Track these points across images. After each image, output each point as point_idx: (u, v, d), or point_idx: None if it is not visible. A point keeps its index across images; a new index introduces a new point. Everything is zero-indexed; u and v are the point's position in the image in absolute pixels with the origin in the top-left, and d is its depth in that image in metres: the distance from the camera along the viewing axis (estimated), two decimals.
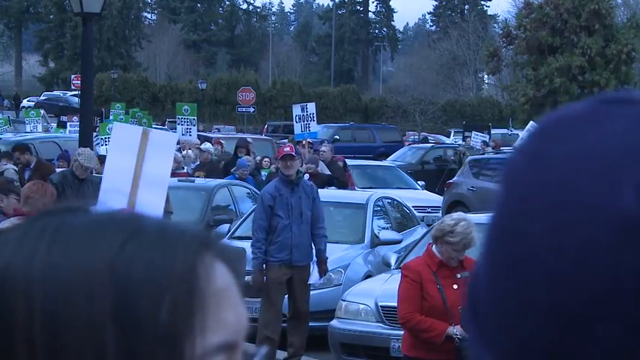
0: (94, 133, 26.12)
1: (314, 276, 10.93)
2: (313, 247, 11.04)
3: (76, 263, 0.92)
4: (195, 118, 24.42)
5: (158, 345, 0.90)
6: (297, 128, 20.75)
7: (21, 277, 0.92)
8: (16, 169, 17.24)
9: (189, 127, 23.52)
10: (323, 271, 10.93)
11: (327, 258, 10.98)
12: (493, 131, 41.62)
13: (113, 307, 0.90)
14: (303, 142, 20.43)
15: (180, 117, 24.18)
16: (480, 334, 0.89)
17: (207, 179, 18.62)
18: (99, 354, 0.90)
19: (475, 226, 7.53)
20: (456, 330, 7.26)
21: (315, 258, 11.04)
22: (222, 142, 24.97)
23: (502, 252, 0.87)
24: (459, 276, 7.47)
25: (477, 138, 31.14)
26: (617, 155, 0.83)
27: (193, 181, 17.42)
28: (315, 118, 20.82)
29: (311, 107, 21.06)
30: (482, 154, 29.05)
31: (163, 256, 0.93)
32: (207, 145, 20.70)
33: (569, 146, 0.87)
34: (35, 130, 29.61)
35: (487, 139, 31.14)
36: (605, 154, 0.84)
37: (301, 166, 18.53)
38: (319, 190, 11.75)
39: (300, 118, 20.65)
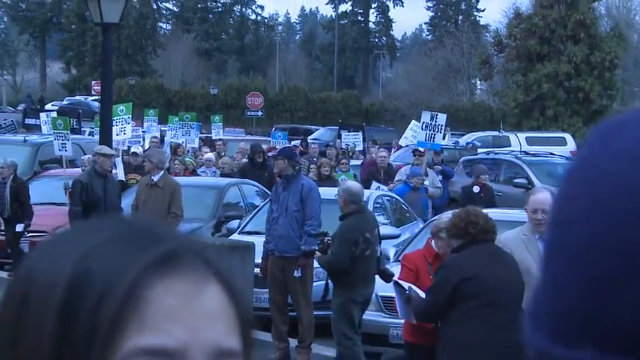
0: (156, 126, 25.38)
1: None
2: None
3: (56, 258, 0.96)
4: (130, 116, 23.14)
5: (87, 342, 0.91)
6: (421, 136, 18.40)
7: (23, 267, 0.99)
8: None
9: (123, 126, 21.31)
10: (300, 264, 10.83)
11: (306, 252, 10.75)
12: (485, 133, 41.56)
13: (61, 301, 0.93)
14: (423, 150, 18.10)
15: (115, 118, 22.73)
16: (537, 326, 0.93)
17: (214, 179, 18.63)
18: (38, 336, 0.93)
19: None
20: None
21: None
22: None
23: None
24: None
25: (347, 138, 28.89)
26: None
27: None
28: (442, 130, 18.45)
29: (441, 118, 18.51)
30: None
31: (123, 263, 0.94)
32: (139, 150, 19.69)
33: (625, 141, 0.89)
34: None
35: (360, 139, 28.90)
36: None
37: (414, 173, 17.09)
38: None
39: (426, 126, 18.31)
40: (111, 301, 0.92)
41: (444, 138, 24.62)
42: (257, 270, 11.07)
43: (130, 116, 22.92)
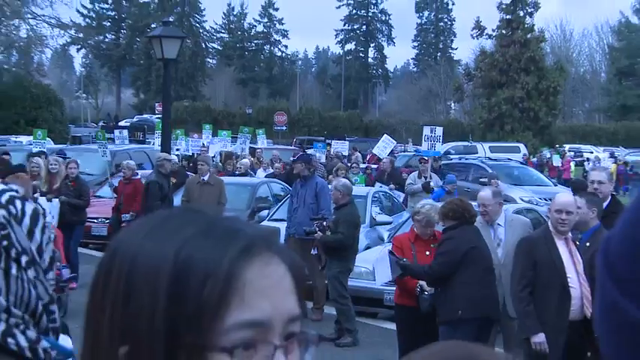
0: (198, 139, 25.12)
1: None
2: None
3: (155, 246, 0.93)
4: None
5: (195, 316, 0.90)
6: (425, 146, 17.21)
7: (122, 250, 0.95)
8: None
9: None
10: (316, 244, 10.71)
11: (307, 232, 10.36)
12: (458, 143, 41.50)
13: (168, 283, 0.91)
14: (426, 158, 16.64)
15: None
16: (616, 285, 0.88)
17: (249, 178, 18.61)
18: (150, 313, 0.90)
19: (436, 209, 7.60)
20: (419, 283, 7.33)
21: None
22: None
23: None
24: (432, 245, 7.50)
25: (336, 146, 28.07)
26: None
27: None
28: (440, 140, 17.14)
29: (439, 130, 17.23)
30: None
31: (217, 252, 0.92)
32: (174, 157, 19.25)
33: None
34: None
35: (346, 148, 27.96)
36: None
37: (425, 177, 16.29)
38: None
39: (428, 138, 16.99)
40: (216, 283, 0.90)
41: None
42: None
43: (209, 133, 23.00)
